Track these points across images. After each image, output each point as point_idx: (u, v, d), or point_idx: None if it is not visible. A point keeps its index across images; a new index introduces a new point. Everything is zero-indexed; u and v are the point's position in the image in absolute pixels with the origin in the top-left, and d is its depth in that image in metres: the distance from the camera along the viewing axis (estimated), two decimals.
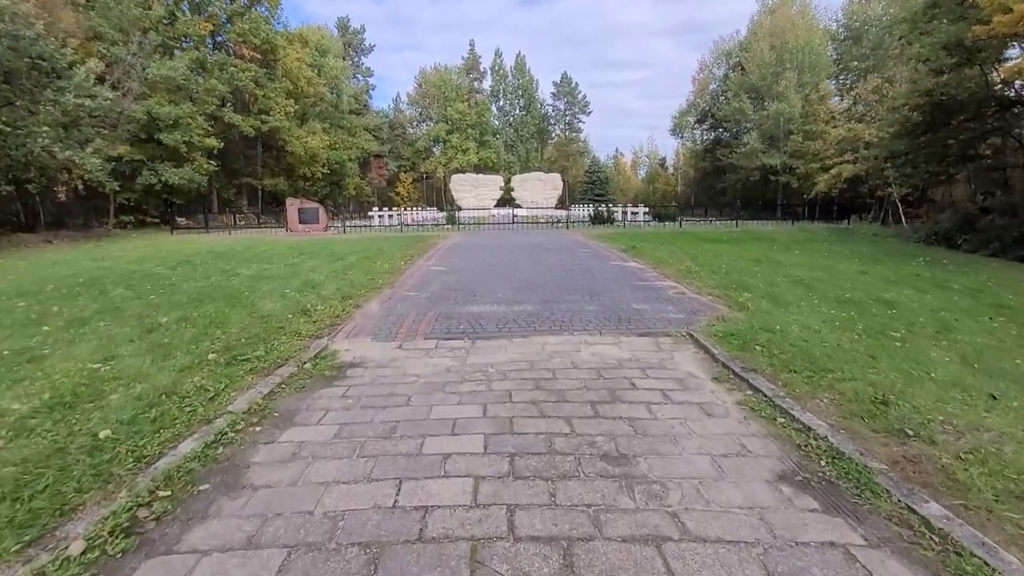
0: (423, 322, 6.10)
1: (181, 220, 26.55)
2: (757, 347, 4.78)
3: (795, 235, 18.79)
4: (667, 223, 26.94)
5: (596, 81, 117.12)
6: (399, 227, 24.00)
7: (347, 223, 23.24)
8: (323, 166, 38.53)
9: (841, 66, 36.24)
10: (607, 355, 4.85)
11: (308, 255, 12.59)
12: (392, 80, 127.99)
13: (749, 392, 3.90)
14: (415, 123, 64.88)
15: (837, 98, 35.01)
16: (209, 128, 24.64)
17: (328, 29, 47.69)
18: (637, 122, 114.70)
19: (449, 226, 25.60)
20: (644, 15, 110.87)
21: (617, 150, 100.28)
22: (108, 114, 19.01)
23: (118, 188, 18.90)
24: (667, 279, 8.81)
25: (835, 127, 29.28)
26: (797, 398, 3.67)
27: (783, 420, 3.40)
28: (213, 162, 25.57)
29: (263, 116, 28.74)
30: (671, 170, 67.65)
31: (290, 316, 6.08)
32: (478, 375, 4.39)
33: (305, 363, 4.71)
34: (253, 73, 26.79)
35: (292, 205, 21.00)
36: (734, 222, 25.00)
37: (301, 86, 32.17)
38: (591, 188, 59.56)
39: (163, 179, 21.56)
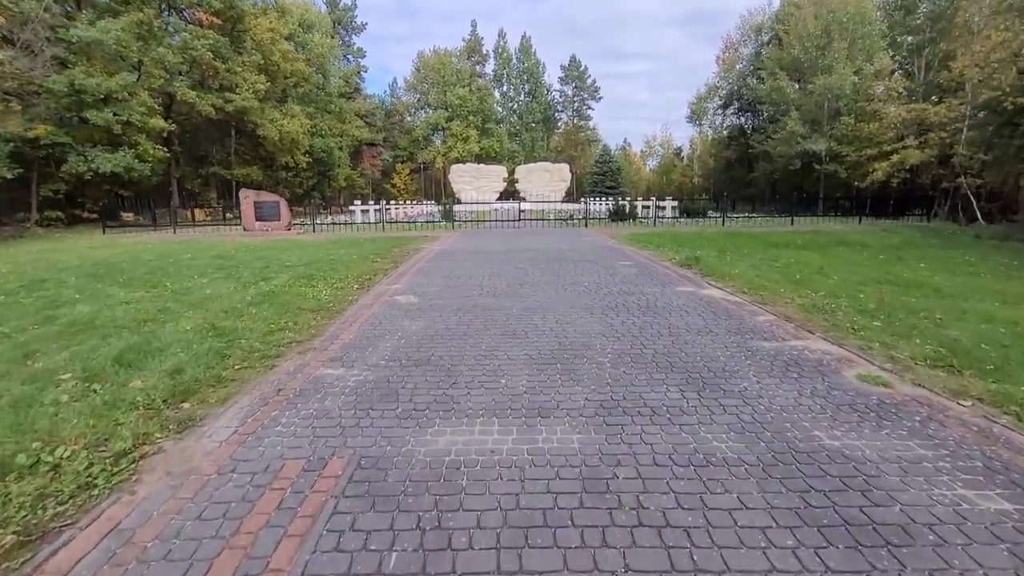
0: (299, 514, 2.26)
1: (128, 216, 22.80)
2: None
3: (882, 237, 14.76)
4: (699, 220, 22.93)
5: (602, 72, 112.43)
6: (382, 224, 20.10)
7: (318, 220, 19.33)
8: (306, 154, 34.58)
9: (888, 40, 31.95)
10: None
11: (227, 271, 8.74)
12: (397, 72, 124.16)
13: None
14: (413, 110, 60.81)
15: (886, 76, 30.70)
16: (157, 106, 20.71)
17: (314, 3, 43.46)
18: (643, 114, 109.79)
19: (444, 223, 21.68)
20: (652, 4, 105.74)
21: (625, 140, 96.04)
22: (13, 84, 15.12)
23: (10, 176, 14.93)
24: (807, 332, 4.90)
25: (894, 107, 25.12)
26: None
27: None
28: (164, 148, 21.61)
29: (227, 94, 24.68)
30: (686, 160, 63.38)
31: None
32: None
33: None
34: (211, 42, 22.70)
35: (247, 198, 17.06)
36: (787, 218, 20.95)
37: (276, 62, 28.08)
38: (601, 180, 55.31)
39: (93, 167, 17.65)
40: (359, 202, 23.84)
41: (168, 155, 22.54)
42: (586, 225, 19.89)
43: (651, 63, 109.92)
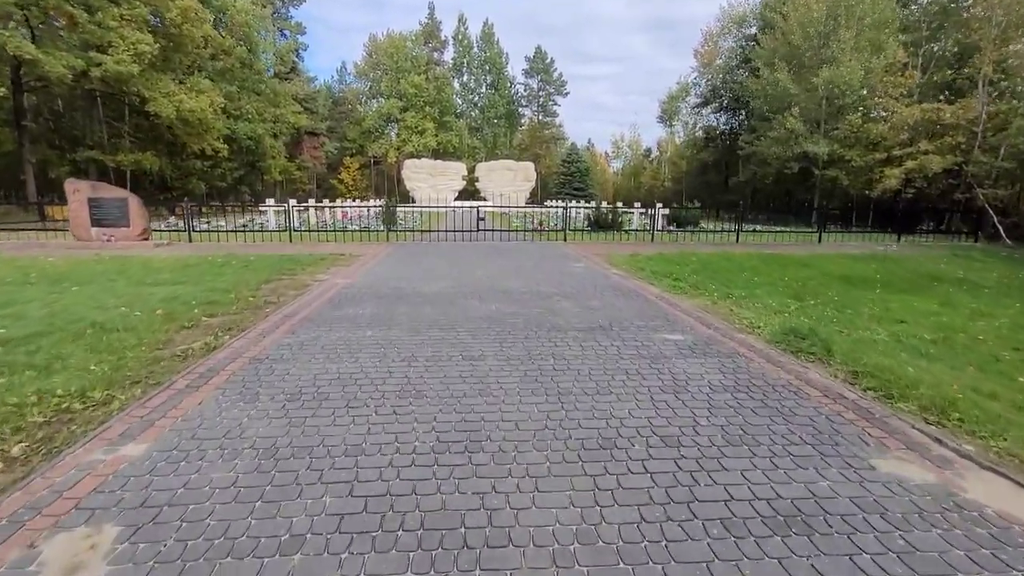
0: None
1: None
2: None
3: (964, 266, 11.01)
4: (690, 230, 18.95)
5: (568, 73, 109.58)
6: (290, 233, 15.05)
7: (198, 225, 14.09)
8: (226, 140, 28.75)
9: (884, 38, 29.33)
10: None
11: None
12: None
13: None
14: (364, 99, 55.05)
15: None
16: None
17: None
18: (608, 117, 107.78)
19: (382, 230, 16.74)
20: (618, 7, 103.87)
21: (589, 141, 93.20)
22: None
23: None
24: None
25: (908, 105, 22.12)
26: None
27: None
28: None
29: (93, 54, 18.76)
30: (655, 163, 60.49)
31: None
32: None
33: None
34: None
35: (77, 192, 11.51)
36: (806, 234, 17.30)
37: (176, 22, 22.25)
38: (569, 180, 51.50)
39: None
40: (272, 201, 18.60)
41: (10, 133, 16.55)
42: (565, 239, 15.49)
43: (617, 66, 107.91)
